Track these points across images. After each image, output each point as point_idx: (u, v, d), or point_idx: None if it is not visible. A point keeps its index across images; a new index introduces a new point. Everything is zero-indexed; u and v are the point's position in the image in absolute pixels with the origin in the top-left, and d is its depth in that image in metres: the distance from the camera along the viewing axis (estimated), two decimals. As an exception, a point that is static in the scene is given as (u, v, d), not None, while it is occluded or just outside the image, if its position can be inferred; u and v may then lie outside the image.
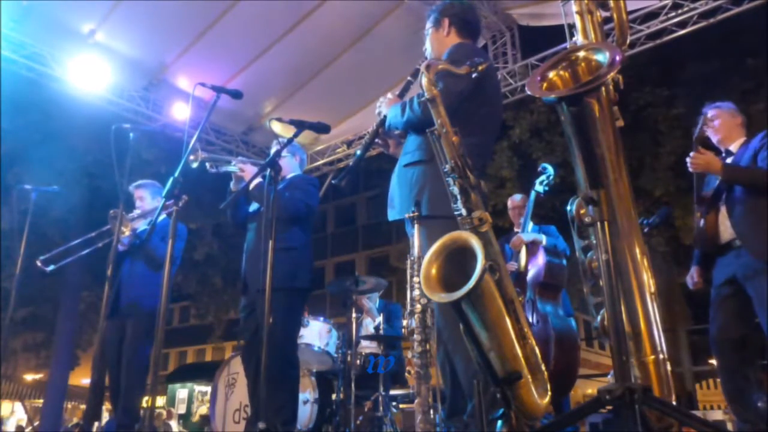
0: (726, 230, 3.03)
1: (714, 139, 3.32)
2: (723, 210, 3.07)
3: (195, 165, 3.02)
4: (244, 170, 3.33)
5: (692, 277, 3.32)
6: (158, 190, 4.02)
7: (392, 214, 2.53)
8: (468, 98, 2.34)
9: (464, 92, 2.31)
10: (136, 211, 3.95)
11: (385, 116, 2.59)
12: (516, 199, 4.64)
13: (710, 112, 3.35)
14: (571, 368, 3.77)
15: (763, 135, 3.10)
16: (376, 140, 2.73)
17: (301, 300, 3.41)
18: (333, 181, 2.68)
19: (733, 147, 3.24)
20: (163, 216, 2.81)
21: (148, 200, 4.00)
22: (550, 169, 4.33)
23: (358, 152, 2.65)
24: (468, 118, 2.32)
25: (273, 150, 3.56)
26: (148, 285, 3.71)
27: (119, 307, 3.72)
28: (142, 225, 3.91)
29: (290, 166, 3.53)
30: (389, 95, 2.63)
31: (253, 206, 3.50)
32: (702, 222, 3.12)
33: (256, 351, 3.25)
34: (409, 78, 2.64)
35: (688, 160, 3.09)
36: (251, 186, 3.25)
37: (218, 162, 3.33)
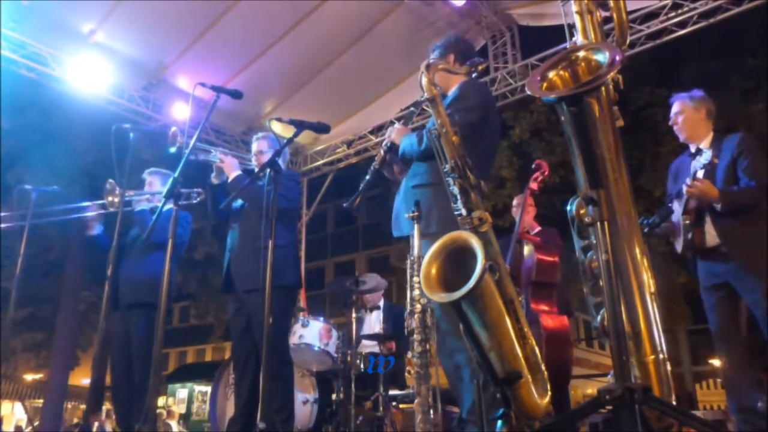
0: (712, 238, 3.01)
1: (680, 137, 3.22)
2: (708, 218, 3.03)
3: (173, 150, 2.98)
4: (224, 161, 3.31)
5: None
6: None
7: (397, 232, 2.66)
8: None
9: (476, 123, 2.47)
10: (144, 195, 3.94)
11: (392, 143, 2.73)
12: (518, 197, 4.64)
13: (675, 106, 3.23)
14: (562, 367, 3.75)
15: (739, 139, 3.04)
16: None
17: (291, 297, 3.42)
18: (345, 205, 2.83)
19: (704, 144, 3.15)
20: (168, 206, 2.83)
21: (156, 187, 4.00)
22: (545, 166, 4.31)
23: (368, 177, 2.80)
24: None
25: (254, 146, 3.57)
26: (149, 281, 3.70)
27: (119, 301, 3.71)
28: (142, 205, 3.89)
29: None
30: (397, 125, 2.80)
31: (236, 203, 3.46)
32: (690, 234, 3.09)
33: (245, 350, 3.27)
34: (412, 109, 2.92)
35: (683, 187, 3.03)
36: (230, 178, 3.28)
37: (197, 150, 3.29)
